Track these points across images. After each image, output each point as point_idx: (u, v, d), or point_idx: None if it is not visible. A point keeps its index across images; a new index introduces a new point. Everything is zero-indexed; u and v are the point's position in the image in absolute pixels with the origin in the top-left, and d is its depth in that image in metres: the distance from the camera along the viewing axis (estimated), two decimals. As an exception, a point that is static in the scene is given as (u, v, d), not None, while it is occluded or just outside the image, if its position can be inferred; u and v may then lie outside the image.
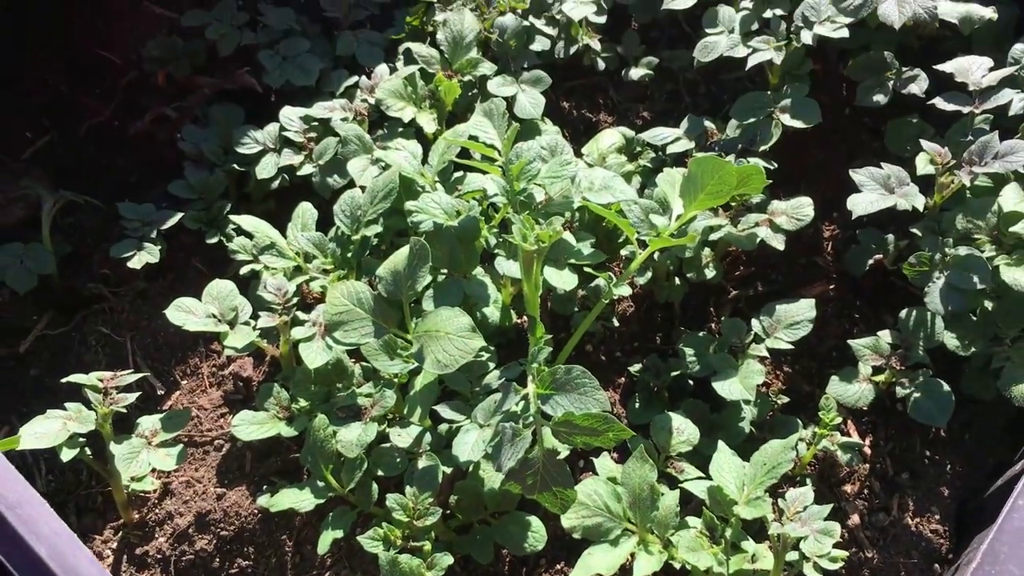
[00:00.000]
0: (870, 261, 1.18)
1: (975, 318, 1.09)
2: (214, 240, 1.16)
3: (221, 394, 1.15)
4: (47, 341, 1.17)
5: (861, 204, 1.04)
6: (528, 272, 0.94)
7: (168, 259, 1.18)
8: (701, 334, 1.12)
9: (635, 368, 1.12)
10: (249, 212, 1.15)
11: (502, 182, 1.04)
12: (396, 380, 1.00)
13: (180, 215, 1.15)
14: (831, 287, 1.22)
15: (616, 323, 1.16)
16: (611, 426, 0.85)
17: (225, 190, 1.19)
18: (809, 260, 1.23)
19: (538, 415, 0.88)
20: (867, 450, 1.17)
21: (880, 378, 1.11)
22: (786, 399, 1.15)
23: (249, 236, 1.11)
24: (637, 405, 1.11)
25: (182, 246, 1.20)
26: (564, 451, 0.90)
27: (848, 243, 1.22)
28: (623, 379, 1.16)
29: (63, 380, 1.01)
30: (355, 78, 1.22)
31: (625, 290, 1.02)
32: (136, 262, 1.12)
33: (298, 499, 0.97)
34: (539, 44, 1.26)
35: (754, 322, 1.11)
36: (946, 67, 1.12)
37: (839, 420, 1.09)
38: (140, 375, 1.07)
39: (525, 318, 1.15)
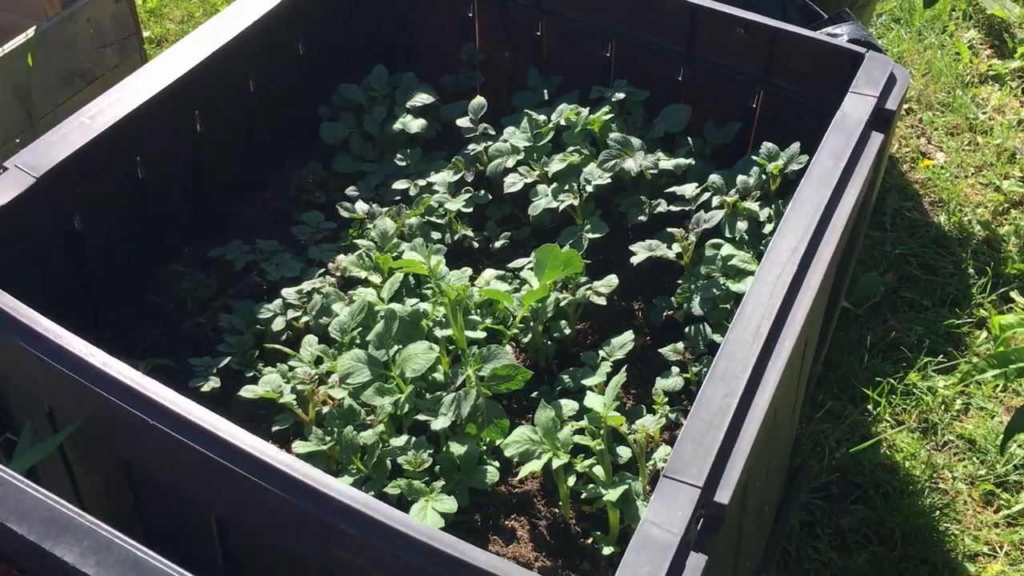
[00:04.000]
0: (664, 315, 1.89)
1: (727, 321, 1.78)
2: (250, 375, 1.77)
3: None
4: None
5: (638, 258, 1.78)
6: (455, 318, 1.60)
7: (220, 392, 1.76)
8: (571, 369, 1.78)
9: (534, 395, 1.75)
10: (267, 359, 1.78)
11: (431, 288, 1.72)
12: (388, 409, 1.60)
13: (229, 358, 1.76)
14: (648, 338, 1.91)
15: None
16: (519, 371, 1.48)
17: (252, 347, 1.81)
18: (629, 324, 1.92)
19: (477, 380, 1.50)
20: (694, 426, 1.79)
21: (687, 375, 1.77)
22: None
23: (275, 365, 1.74)
24: (541, 418, 1.72)
25: (226, 385, 1.79)
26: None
27: (649, 309, 1.93)
28: (531, 415, 1.78)
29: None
30: (322, 271, 1.91)
31: (518, 330, 1.69)
32: (206, 388, 1.72)
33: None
34: (435, 235, 2.00)
35: (600, 351, 1.78)
36: (675, 190, 1.92)
37: (666, 400, 1.73)
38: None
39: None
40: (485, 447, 1.58)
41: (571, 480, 1.56)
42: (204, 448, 1.24)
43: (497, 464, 1.58)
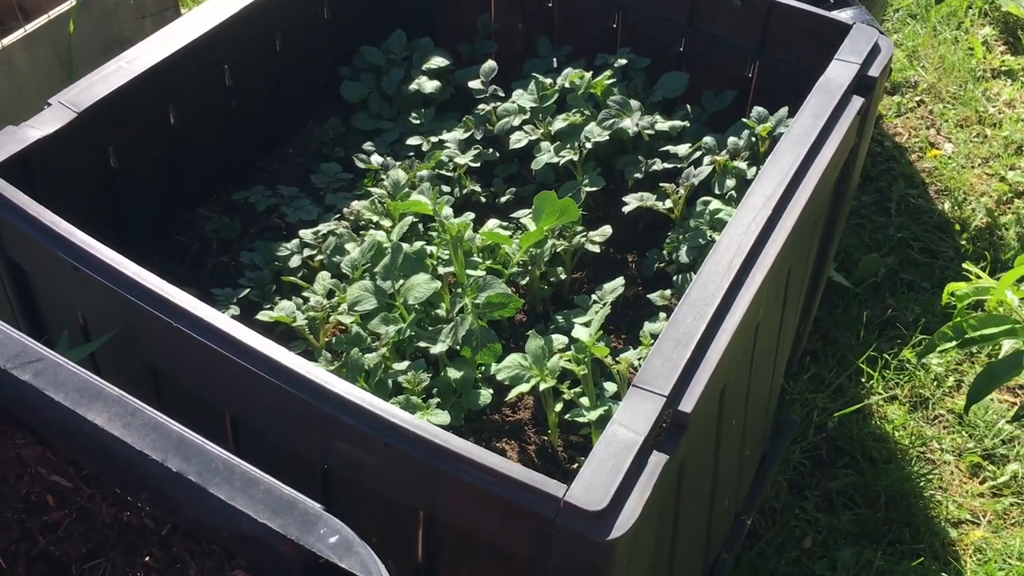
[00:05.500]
0: (655, 267, 2.01)
1: (714, 272, 1.90)
2: (268, 306, 1.91)
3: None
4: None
5: (629, 207, 1.91)
6: (456, 253, 1.73)
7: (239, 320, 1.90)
8: (565, 311, 1.91)
9: (529, 333, 1.88)
10: (284, 293, 1.92)
11: (436, 231, 1.85)
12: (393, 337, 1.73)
13: (248, 290, 1.91)
14: (640, 287, 2.03)
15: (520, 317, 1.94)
16: (511, 299, 1.61)
17: (270, 281, 1.95)
18: (623, 274, 2.05)
19: (473, 307, 1.63)
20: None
21: (672, 319, 1.89)
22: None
23: (290, 298, 1.88)
24: (535, 355, 1.85)
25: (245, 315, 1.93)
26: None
27: (642, 262, 2.05)
28: (526, 352, 1.91)
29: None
30: (338, 215, 2.05)
31: (516, 270, 1.82)
32: (227, 313, 1.86)
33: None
34: (444, 188, 2.13)
35: (592, 296, 1.90)
36: (669, 149, 2.04)
37: (652, 341, 1.85)
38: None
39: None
40: (480, 374, 1.71)
41: (558, 407, 1.69)
42: (221, 348, 1.38)
43: (491, 390, 1.70)
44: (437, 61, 2.30)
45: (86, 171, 1.84)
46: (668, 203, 1.96)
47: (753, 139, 1.99)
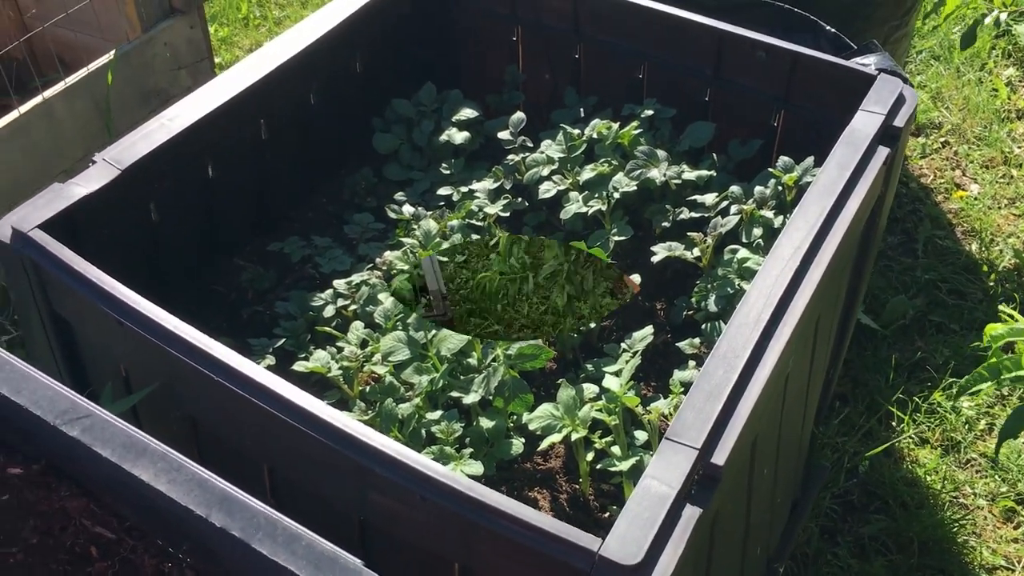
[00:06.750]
0: (684, 315, 2.03)
1: (742, 320, 1.92)
2: (303, 356, 1.94)
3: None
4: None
5: (658, 256, 1.93)
6: (488, 305, 1.76)
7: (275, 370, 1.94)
8: (595, 360, 1.93)
9: (559, 381, 1.90)
10: (318, 343, 1.96)
11: (467, 282, 1.89)
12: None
13: (283, 340, 1.94)
14: (669, 335, 2.05)
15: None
16: (543, 350, 1.64)
17: (304, 331, 1.99)
18: (652, 322, 2.07)
19: (505, 358, 1.66)
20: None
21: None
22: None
23: (325, 348, 1.91)
24: (566, 403, 1.87)
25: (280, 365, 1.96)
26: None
27: (671, 309, 2.07)
28: (556, 401, 1.93)
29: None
30: (370, 265, 2.09)
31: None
32: (263, 365, 1.89)
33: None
34: (474, 237, 2.16)
35: (622, 344, 1.92)
36: (697, 199, 2.06)
37: (682, 389, 1.87)
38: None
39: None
40: (512, 424, 1.73)
41: (590, 456, 1.70)
42: (260, 401, 1.41)
43: (523, 440, 1.72)
44: (466, 112, 2.35)
45: (128, 225, 1.89)
46: (696, 251, 1.98)
47: (780, 188, 2.01)
